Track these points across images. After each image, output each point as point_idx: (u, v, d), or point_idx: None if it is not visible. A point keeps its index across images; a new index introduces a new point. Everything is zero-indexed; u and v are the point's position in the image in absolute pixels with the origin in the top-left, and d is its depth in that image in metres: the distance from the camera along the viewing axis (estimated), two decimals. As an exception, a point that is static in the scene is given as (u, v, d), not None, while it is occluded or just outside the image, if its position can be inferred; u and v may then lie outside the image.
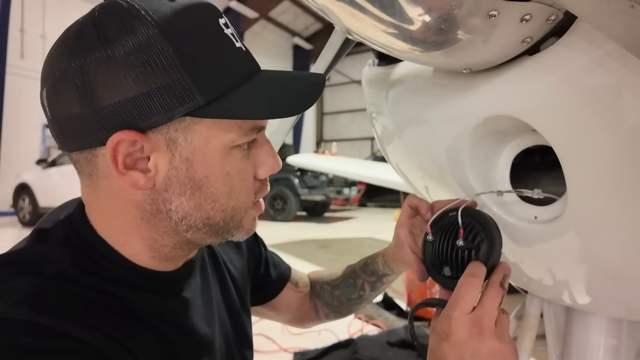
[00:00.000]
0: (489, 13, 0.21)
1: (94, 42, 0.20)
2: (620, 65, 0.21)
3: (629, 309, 0.31)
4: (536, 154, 0.33)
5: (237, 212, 0.25)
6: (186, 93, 0.21)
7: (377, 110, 0.45)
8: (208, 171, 0.23)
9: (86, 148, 0.23)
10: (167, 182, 0.23)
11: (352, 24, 0.25)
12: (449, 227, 0.27)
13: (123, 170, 0.22)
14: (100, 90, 0.20)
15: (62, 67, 0.21)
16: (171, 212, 0.24)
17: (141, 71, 0.20)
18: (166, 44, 0.20)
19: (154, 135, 0.22)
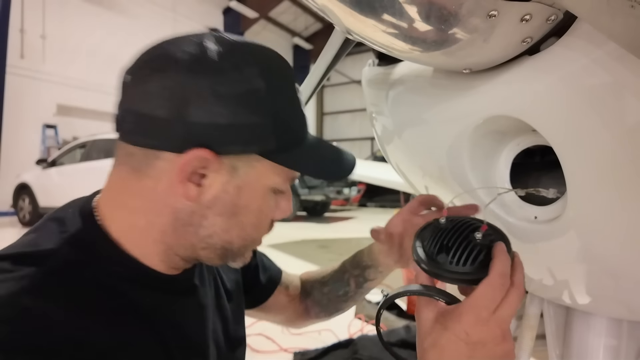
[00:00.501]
0: (489, 13, 0.21)
1: (209, 69, 0.23)
2: (620, 65, 0.21)
3: (629, 309, 0.31)
4: (536, 154, 0.33)
5: (251, 243, 0.28)
6: (265, 136, 0.25)
7: (377, 110, 0.45)
8: (249, 202, 0.26)
9: (154, 148, 0.24)
10: (214, 200, 0.25)
11: (352, 24, 0.25)
12: (465, 222, 0.25)
13: (183, 180, 0.24)
14: (196, 108, 0.23)
15: (168, 72, 0.23)
16: (201, 227, 0.26)
17: (238, 107, 0.23)
18: (265, 93, 0.24)
19: (224, 159, 0.24)
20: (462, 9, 0.21)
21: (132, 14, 6.69)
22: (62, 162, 4.02)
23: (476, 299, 0.23)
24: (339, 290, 0.42)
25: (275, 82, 0.25)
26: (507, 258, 0.23)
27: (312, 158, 0.27)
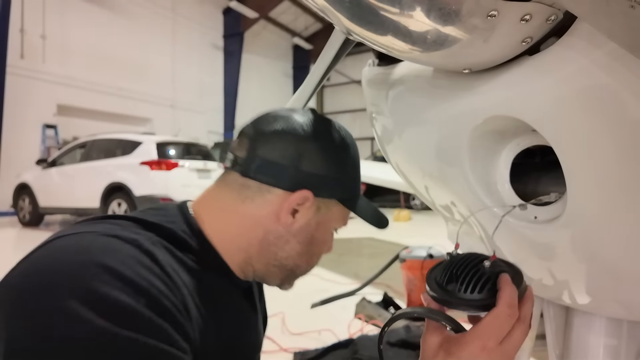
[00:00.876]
0: (489, 13, 0.21)
1: (316, 136, 0.33)
2: (619, 65, 0.21)
3: (629, 309, 0.31)
4: (536, 153, 0.33)
5: (307, 270, 0.36)
6: (344, 189, 0.35)
7: (377, 110, 0.45)
8: (321, 236, 0.35)
9: (270, 184, 0.33)
10: (300, 230, 0.34)
11: (352, 24, 0.25)
12: (475, 254, 0.26)
13: (288, 210, 0.33)
14: (306, 161, 0.33)
15: (288, 135, 0.33)
16: (282, 250, 0.34)
17: (331, 165, 0.34)
18: (345, 158, 0.35)
19: (315, 200, 0.33)
20: (462, 9, 0.21)
21: (132, 14, 6.69)
22: (62, 162, 4.01)
23: (482, 328, 0.23)
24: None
25: (350, 151, 0.35)
26: (514, 289, 0.24)
27: (366, 208, 0.37)
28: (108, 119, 6.34)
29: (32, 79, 5.41)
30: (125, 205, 3.38)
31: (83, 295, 0.23)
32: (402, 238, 3.22)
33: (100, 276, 0.24)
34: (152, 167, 3.33)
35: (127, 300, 0.24)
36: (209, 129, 8.32)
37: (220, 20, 8.72)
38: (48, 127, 5.65)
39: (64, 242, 0.27)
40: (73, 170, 3.81)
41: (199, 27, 8.06)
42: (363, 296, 1.54)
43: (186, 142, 3.77)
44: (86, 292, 0.23)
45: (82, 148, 3.95)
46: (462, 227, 0.44)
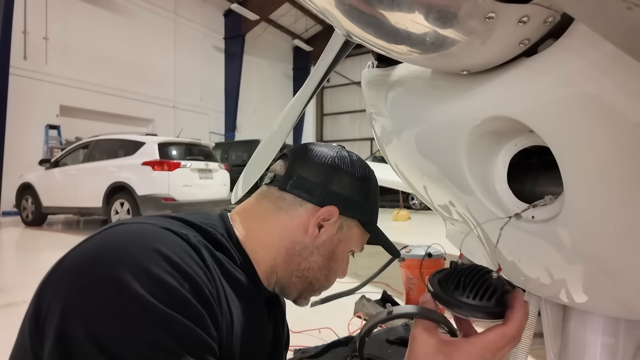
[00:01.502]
0: (486, 15, 0.21)
1: (346, 166, 0.39)
2: (617, 66, 0.21)
3: (626, 307, 0.31)
4: (533, 154, 0.33)
5: (323, 286, 0.40)
6: (365, 213, 0.40)
7: (376, 111, 0.45)
8: (340, 253, 0.39)
9: (304, 199, 0.37)
10: (322, 243, 0.38)
11: (352, 26, 0.25)
12: (480, 266, 0.27)
13: (313, 222, 0.37)
14: (338, 184, 0.38)
15: (323, 161, 0.39)
16: (305, 260, 0.37)
17: (356, 190, 0.39)
18: (367, 186, 0.40)
19: (340, 218, 0.38)
20: (460, 11, 0.21)
21: (134, 16, 6.73)
22: (65, 163, 4.02)
23: (487, 341, 0.24)
24: None
25: (372, 182, 0.41)
26: (526, 312, 0.25)
27: (382, 236, 0.41)
28: (110, 119, 6.37)
29: (35, 80, 5.44)
30: (127, 205, 3.39)
31: (137, 272, 0.25)
32: (401, 237, 3.21)
33: (154, 258, 0.27)
34: (154, 167, 3.34)
35: (174, 282, 0.26)
36: (211, 130, 8.34)
37: (221, 22, 8.76)
38: (51, 127, 5.68)
39: (125, 228, 0.30)
40: (76, 170, 3.82)
41: (200, 29, 8.10)
42: (362, 295, 1.54)
43: (188, 143, 3.78)
44: (140, 270, 0.26)
45: (85, 148, 3.96)
46: (460, 227, 0.44)
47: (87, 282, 0.25)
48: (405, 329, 1.13)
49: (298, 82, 10.36)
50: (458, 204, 0.37)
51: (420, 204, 5.75)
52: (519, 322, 0.24)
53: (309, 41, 10.56)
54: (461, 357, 0.24)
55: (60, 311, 0.25)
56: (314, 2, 0.24)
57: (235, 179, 1.11)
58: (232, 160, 5.20)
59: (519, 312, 0.24)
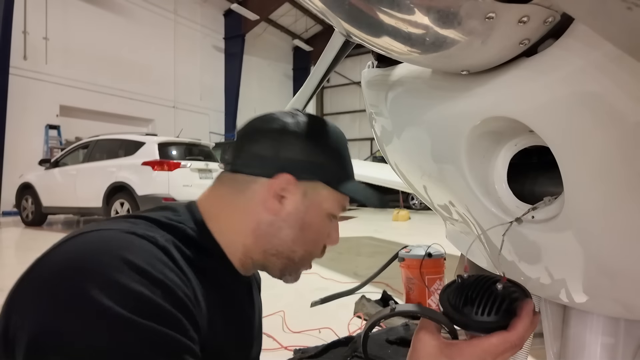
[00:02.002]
0: (486, 15, 0.21)
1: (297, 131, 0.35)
2: (616, 66, 0.21)
3: (626, 307, 0.31)
4: (533, 154, 0.33)
5: (306, 258, 0.37)
6: (327, 172, 0.36)
7: (376, 111, 0.45)
8: (313, 221, 0.36)
9: (254, 175, 0.35)
10: (288, 215, 0.35)
11: (352, 26, 0.25)
12: (486, 277, 0.27)
13: (271, 196, 0.34)
14: (288, 150, 0.35)
15: (272, 132, 0.35)
16: (275, 237, 0.35)
17: (314, 152, 0.35)
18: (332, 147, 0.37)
19: (300, 184, 0.35)
20: (460, 11, 0.21)
21: (134, 16, 6.73)
22: (65, 163, 4.02)
23: (489, 345, 0.24)
24: None
25: (330, 138, 0.37)
26: (534, 322, 0.25)
27: (359, 189, 0.37)
28: (110, 119, 6.37)
29: (35, 80, 5.44)
30: (127, 205, 3.40)
31: (104, 285, 0.24)
32: (401, 237, 3.20)
33: (121, 268, 0.25)
34: (154, 167, 3.35)
35: (144, 291, 0.25)
36: (211, 130, 8.34)
37: (221, 23, 8.75)
38: (51, 127, 5.68)
39: (86, 238, 0.28)
40: (76, 170, 3.82)
41: (200, 29, 8.10)
42: (362, 294, 1.55)
43: (188, 143, 3.78)
44: (107, 282, 0.25)
45: (85, 148, 3.96)
46: (460, 227, 0.44)
47: (55, 299, 0.24)
48: (405, 329, 1.12)
49: (298, 82, 10.36)
50: (458, 204, 0.37)
51: (420, 204, 5.75)
52: (522, 332, 0.24)
53: (309, 41, 10.56)
54: (462, 359, 0.24)
55: (29, 331, 0.24)
56: (314, 2, 0.24)
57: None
58: (232, 160, 5.15)
59: (523, 321, 0.24)
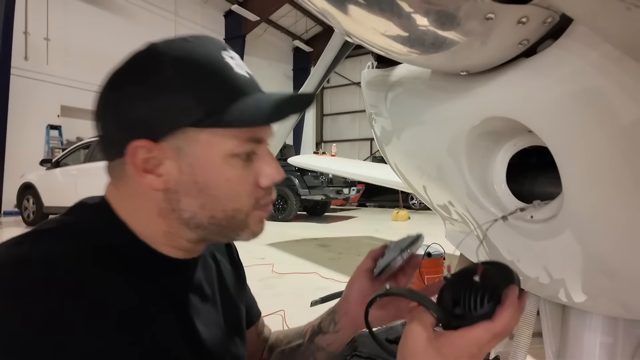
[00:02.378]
0: (486, 16, 0.21)
1: (124, 80, 0.28)
2: (616, 67, 0.21)
3: (625, 307, 0.31)
4: (532, 154, 0.33)
5: (238, 213, 0.29)
6: (186, 109, 0.26)
7: (376, 111, 0.45)
8: (209, 176, 0.27)
9: (115, 158, 0.29)
10: (178, 184, 0.27)
11: (352, 27, 0.25)
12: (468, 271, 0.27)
13: (142, 173, 0.27)
14: (124, 114, 0.27)
15: (101, 104, 0.28)
16: (182, 211, 0.28)
17: (154, 98, 0.26)
18: (175, 76, 0.26)
19: (165, 144, 0.27)
20: (459, 11, 0.21)
21: (135, 16, 6.74)
22: (66, 163, 4.02)
23: (473, 336, 0.24)
24: (295, 341, 0.40)
25: (186, 63, 0.27)
26: (520, 307, 0.24)
27: (247, 111, 0.27)
28: (111, 120, 6.35)
29: (36, 81, 5.45)
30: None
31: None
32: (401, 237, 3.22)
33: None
34: (154, 167, 3.36)
35: (17, 326, 0.21)
36: (211, 130, 8.31)
37: (222, 23, 8.76)
38: (52, 127, 5.68)
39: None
40: (77, 170, 3.82)
41: (201, 30, 8.11)
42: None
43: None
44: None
45: (86, 149, 3.95)
46: (460, 226, 0.44)
47: None
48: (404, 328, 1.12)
49: (298, 83, 10.37)
50: (457, 204, 0.37)
51: (419, 204, 5.76)
52: (506, 320, 0.24)
53: (309, 42, 10.58)
54: (450, 350, 0.24)
55: None
56: (314, 3, 0.24)
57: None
58: (232, 161, 5.18)
59: (507, 310, 0.24)
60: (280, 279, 2.05)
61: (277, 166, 0.29)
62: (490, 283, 0.25)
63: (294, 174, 4.68)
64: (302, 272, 2.17)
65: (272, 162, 0.29)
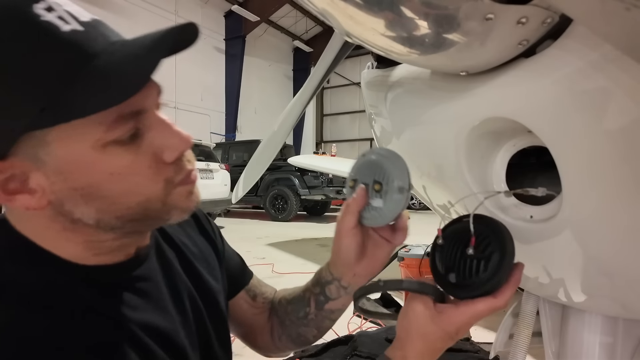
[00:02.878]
0: (485, 16, 0.21)
1: None
2: (615, 67, 0.21)
3: (624, 306, 0.31)
4: (532, 154, 0.33)
5: (150, 204, 0.23)
6: (14, 110, 0.19)
7: (376, 111, 0.45)
8: (87, 177, 0.21)
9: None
10: (58, 196, 0.22)
11: (352, 27, 0.25)
12: (460, 233, 0.26)
13: (10, 197, 0.21)
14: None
15: None
16: (83, 219, 0.23)
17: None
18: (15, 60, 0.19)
19: (15, 159, 0.21)
20: (459, 12, 0.21)
21: (136, 16, 6.75)
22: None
23: (476, 311, 0.25)
24: (299, 311, 0.37)
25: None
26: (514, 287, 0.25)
27: (95, 85, 0.19)
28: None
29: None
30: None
31: None
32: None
33: None
34: (154, 168, 3.36)
35: None
36: (211, 130, 8.36)
37: (222, 24, 8.78)
38: None
39: None
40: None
41: (201, 30, 8.11)
42: (362, 295, 1.56)
43: (188, 143, 3.80)
44: None
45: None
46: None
47: None
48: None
49: (298, 83, 10.37)
50: (457, 204, 0.37)
51: (419, 204, 5.76)
52: (508, 297, 0.25)
53: (309, 42, 10.59)
54: (452, 327, 0.25)
55: None
56: (314, 3, 0.24)
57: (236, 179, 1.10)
58: (232, 161, 5.23)
59: (511, 288, 0.25)
60: (280, 279, 2.07)
61: (176, 132, 0.23)
62: (483, 247, 0.25)
63: (294, 174, 4.71)
64: (302, 272, 2.18)
65: (168, 130, 0.22)
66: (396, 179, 0.29)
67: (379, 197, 0.29)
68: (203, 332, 0.30)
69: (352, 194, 0.31)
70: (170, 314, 0.27)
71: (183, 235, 0.33)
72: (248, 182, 1.02)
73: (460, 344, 1.22)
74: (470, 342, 1.23)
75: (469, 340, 1.27)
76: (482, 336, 1.34)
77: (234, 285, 0.38)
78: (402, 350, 0.26)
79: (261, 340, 0.40)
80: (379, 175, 0.29)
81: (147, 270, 0.27)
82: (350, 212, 0.30)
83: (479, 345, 1.23)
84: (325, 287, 0.35)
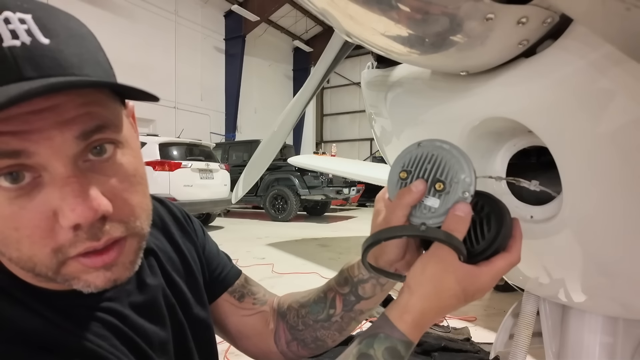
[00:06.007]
0: (485, 16, 0.21)
1: None
2: (615, 67, 0.21)
3: (624, 307, 0.31)
4: (532, 154, 0.33)
5: (37, 267, 0.20)
6: None
7: (376, 111, 0.45)
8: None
9: None
10: None
11: (352, 27, 0.25)
12: None
13: None
14: None
15: None
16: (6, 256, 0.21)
17: None
18: None
19: None
20: (459, 12, 0.21)
21: (136, 17, 6.75)
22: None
23: (498, 270, 0.25)
24: (319, 312, 0.34)
25: None
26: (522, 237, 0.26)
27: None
28: (111, 120, 6.35)
29: (36, 81, 5.43)
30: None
31: None
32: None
33: None
34: (155, 167, 3.34)
35: None
36: (211, 130, 8.36)
37: (222, 24, 8.78)
38: (51, 128, 5.64)
39: None
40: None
41: (201, 30, 8.13)
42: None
43: (189, 143, 3.77)
44: None
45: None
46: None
47: None
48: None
49: (298, 83, 10.38)
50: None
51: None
52: (519, 249, 0.25)
53: (309, 42, 10.60)
54: (473, 286, 0.24)
55: None
56: (314, 3, 0.24)
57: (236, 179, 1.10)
58: (232, 161, 5.23)
59: (519, 240, 0.25)
60: (280, 279, 2.04)
61: (79, 197, 0.19)
62: (483, 214, 0.25)
63: (294, 174, 4.70)
64: (302, 272, 2.17)
65: (70, 190, 0.19)
66: (461, 185, 0.25)
67: (436, 197, 0.26)
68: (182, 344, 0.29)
69: (399, 187, 0.27)
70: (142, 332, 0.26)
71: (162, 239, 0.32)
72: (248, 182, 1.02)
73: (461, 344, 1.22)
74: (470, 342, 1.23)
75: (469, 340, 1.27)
76: (482, 336, 1.34)
77: (215, 288, 0.36)
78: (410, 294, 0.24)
79: (258, 346, 0.37)
80: (442, 174, 0.26)
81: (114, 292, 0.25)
82: (402, 206, 0.27)
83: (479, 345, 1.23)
84: (359, 286, 0.33)
